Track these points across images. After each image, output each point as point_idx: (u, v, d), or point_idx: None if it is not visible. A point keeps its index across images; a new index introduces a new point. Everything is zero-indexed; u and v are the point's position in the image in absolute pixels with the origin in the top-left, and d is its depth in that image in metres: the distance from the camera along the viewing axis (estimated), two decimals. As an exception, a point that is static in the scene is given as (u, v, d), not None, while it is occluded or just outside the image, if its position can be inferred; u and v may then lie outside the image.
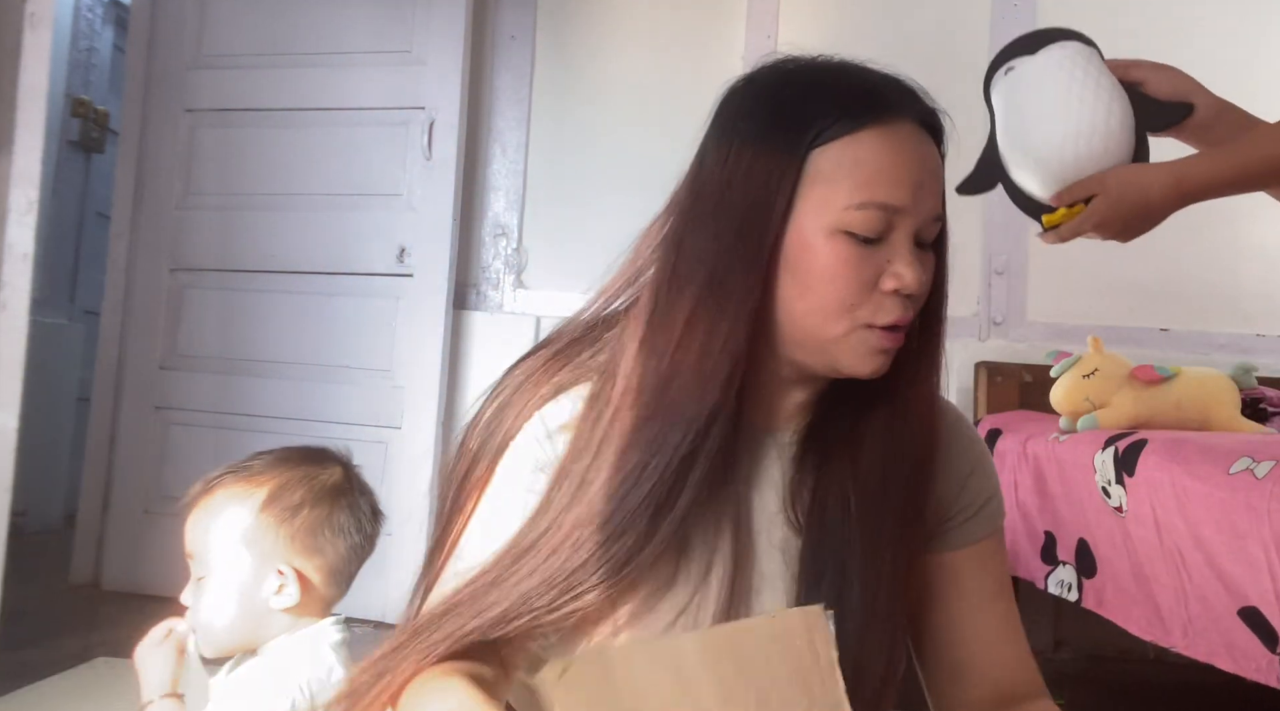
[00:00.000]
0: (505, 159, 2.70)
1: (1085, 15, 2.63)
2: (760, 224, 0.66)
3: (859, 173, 0.66)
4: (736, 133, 0.69)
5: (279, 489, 0.97)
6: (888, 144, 0.67)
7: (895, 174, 0.66)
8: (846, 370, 0.69)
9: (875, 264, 0.67)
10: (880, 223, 0.66)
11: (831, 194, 0.66)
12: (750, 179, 0.67)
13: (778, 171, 0.66)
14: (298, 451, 1.04)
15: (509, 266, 2.68)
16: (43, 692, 1.83)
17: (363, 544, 1.01)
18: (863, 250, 0.66)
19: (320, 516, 0.97)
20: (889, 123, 0.67)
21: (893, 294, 0.67)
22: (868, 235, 0.66)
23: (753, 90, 0.72)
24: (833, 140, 0.66)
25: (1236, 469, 1.17)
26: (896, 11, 2.64)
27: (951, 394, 2.52)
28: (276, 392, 2.60)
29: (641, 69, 2.67)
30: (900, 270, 0.66)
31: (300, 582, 0.96)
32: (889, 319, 0.67)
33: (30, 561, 2.73)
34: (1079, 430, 1.71)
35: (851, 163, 0.66)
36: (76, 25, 3.43)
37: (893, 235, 0.67)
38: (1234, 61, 2.59)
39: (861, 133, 0.66)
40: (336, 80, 2.64)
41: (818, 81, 0.70)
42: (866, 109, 0.67)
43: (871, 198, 0.66)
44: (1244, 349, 2.49)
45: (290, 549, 0.96)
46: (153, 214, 2.73)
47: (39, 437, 3.02)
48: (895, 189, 0.66)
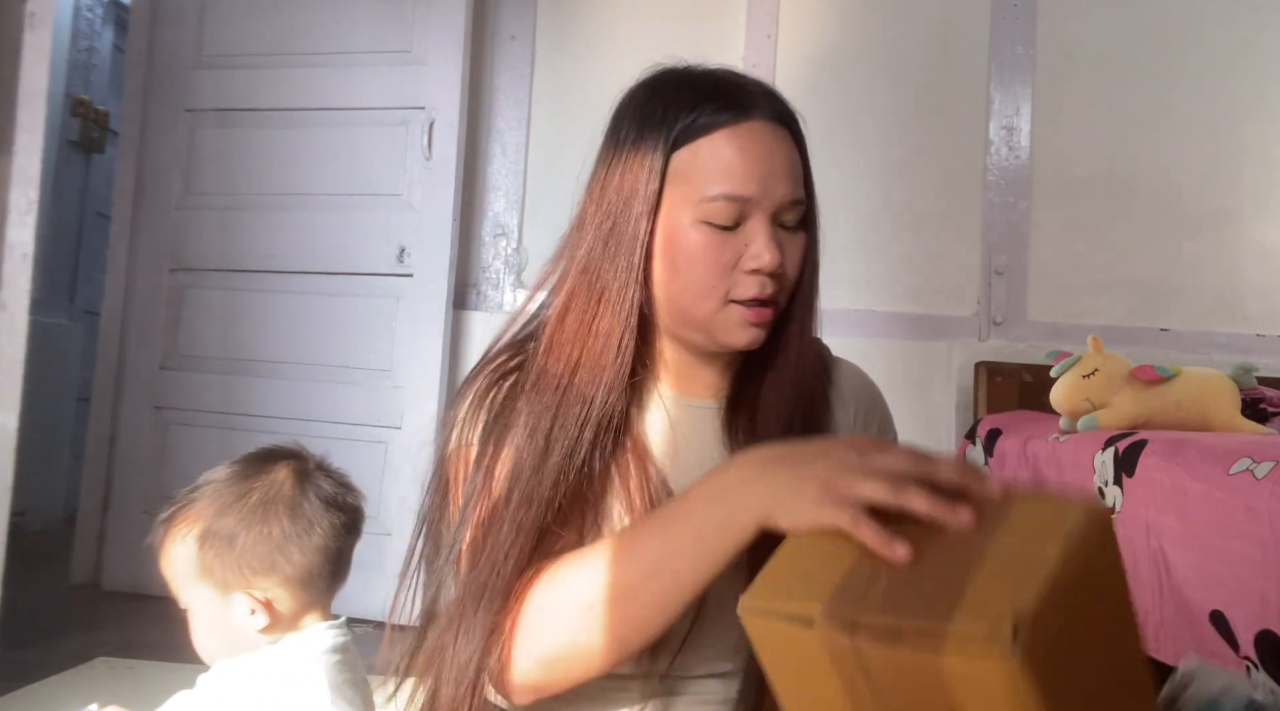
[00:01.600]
0: (505, 159, 2.70)
1: (1085, 15, 2.64)
2: (631, 221, 0.76)
3: (712, 169, 0.75)
4: (614, 139, 0.80)
5: (212, 519, 0.95)
6: (736, 142, 0.75)
7: (744, 168, 0.75)
8: (726, 343, 0.78)
9: (734, 247, 0.76)
10: (734, 211, 0.75)
11: (689, 190, 0.75)
12: (623, 180, 0.77)
13: (645, 172, 0.76)
14: (241, 464, 1.00)
15: (509, 266, 2.68)
16: (43, 692, 1.83)
17: (329, 535, 0.97)
18: (721, 236, 0.75)
19: (260, 535, 0.94)
20: (738, 122, 0.76)
21: (753, 273, 0.76)
22: (724, 223, 0.75)
23: (631, 99, 0.82)
24: (689, 141, 0.76)
25: (1236, 469, 1.17)
26: (896, 11, 2.64)
27: (952, 394, 2.52)
28: (277, 393, 2.60)
29: (641, 69, 2.66)
30: (757, 251, 0.75)
31: (265, 604, 0.95)
32: (749, 294, 0.76)
33: (30, 561, 2.73)
34: (1079, 430, 1.71)
35: (705, 160, 0.75)
36: (76, 25, 3.44)
37: (749, 222, 0.76)
38: (1233, 61, 2.59)
39: (714, 133, 0.75)
40: (336, 80, 2.64)
41: (679, 89, 0.79)
42: (718, 111, 0.76)
43: (722, 191, 0.74)
44: (1244, 349, 2.50)
45: (241, 577, 0.94)
46: (153, 214, 2.73)
47: (39, 437, 3.02)
48: (744, 182, 0.75)
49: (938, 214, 2.58)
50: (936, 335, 2.55)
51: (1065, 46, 2.62)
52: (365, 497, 1.06)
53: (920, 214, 2.56)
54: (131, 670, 1.95)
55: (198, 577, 0.95)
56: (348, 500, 1.02)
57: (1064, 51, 2.61)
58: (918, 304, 2.56)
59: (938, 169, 2.59)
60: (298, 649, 0.97)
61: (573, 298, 0.78)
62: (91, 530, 2.69)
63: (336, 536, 0.98)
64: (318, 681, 0.94)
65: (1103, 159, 2.59)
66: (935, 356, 2.55)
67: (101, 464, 2.70)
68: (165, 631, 2.26)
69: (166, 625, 2.20)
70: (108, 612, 2.39)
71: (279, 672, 0.94)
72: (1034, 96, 2.59)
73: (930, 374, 2.55)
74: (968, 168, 2.59)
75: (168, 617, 1.04)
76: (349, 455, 2.52)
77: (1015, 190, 2.58)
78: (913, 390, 2.53)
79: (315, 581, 0.97)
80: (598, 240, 0.78)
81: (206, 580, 0.95)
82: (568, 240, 0.82)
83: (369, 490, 2.98)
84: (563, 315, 0.78)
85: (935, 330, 2.55)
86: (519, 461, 0.75)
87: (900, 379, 2.53)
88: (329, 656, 0.97)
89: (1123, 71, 2.60)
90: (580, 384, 0.76)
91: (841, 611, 0.51)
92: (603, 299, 0.76)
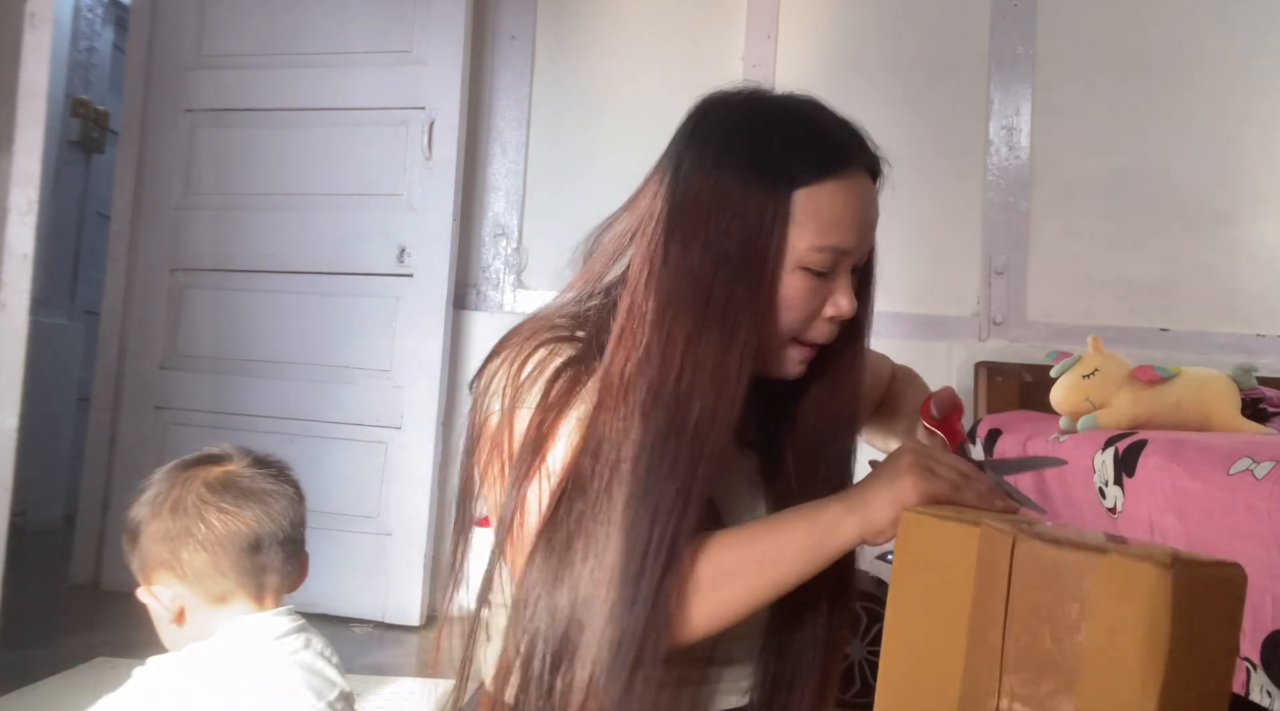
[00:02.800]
0: (505, 159, 2.70)
1: (1085, 15, 2.64)
2: (760, 257, 0.76)
3: (821, 218, 0.76)
4: (721, 161, 0.77)
5: (128, 528, 0.99)
6: (844, 194, 0.77)
7: (849, 220, 0.77)
8: (774, 374, 0.82)
9: (822, 295, 0.79)
10: (831, 261, 0.78)
11: (798, 235, 0.76)
12: (744, 213, 0.75)
13: (769, 209, 0.75)
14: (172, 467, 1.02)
15: (509, 266, 2.68)
16: (43, 692, 1.83)
17: (226, 513, 0.96)
18: (815, 282, 0.78)
19: (156, 533, 0.96)
20: (847, 174, 0.77)
21: (830, 320, 0.80)
22: (821, 270, 0.78)
23: (732, 121, 0.80)
24: (803, 186, 0.76)
25: (1236, 469, 1.17)
26: (896, 12, 2.64)
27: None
28: (277, 393, 2.60)
29: (641, 69, 2.66)
30: (840, 301, 0.79)
31: (174, 599, 0.96)
32: (820, 339, 0.81)
33: (30, 561, 2.73)
34: (1079, 430, 1.71)
35: (815, 208, 0.76)
36: (76, 25, 3.44)
37: (838, 270, 0.79)
38: (1234, 61, 2.59)
39: (826, 182, 0.76)
40: (336, 80, 2.64)
41: (793, 125, 0.79)
42: (833, 161, 0.77)
43: (828, 242, 0.77)
44: (1244, 349, 2.50)
45: (145, 578, 0.99)
46: (153, 214, 2.73)
47: (39, 437, 3.02)
48: (847, 234, 0.77)
49: (938, 214, 2.58)
50: (936, 335, 2.55)
51: (1065, 46, 2.62)
52: (291, 480, 1.04)
53: (920, 214, 2.57)
54: (131, 670, 1.95)
55: (140, 590, 1.00)
56: (260, 485, 0.99)
57: (1064, 51, 2.61)
58: (918, 304, 2.56)
59: (938, 169, 2.59)
60: (227, 640, 0.96)
61: (700, 331, 0.75)
62: (91, 530, 2.69)
63: (240, 511, 0.97)
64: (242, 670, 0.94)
65: (1103, 159, 2.59)
66: (935, 356, 2.55)
67: (101, 464, 2.70)
68: (165, 631, 2.27)
69: (166, 625, 2.20)
70: (108, 612, 2.39)
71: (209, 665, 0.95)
72: (1034, 96, 2.59)
73: (930, 374, 2.52)
74: (968, 168, 2.59)
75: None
76: (349, 455, 2.54)
77: (1015, 190, 2.58)
78: (913, 390, 2.53)
79: (227, 565, 0.96)
80: (721, 273, 0.75)
81: (145, 589, 0.99)
82: (663, 256, 0.77)
83: (369, 490, 2.98)
84: (691, 347, 0.75)
85: (935, 330, 2.56)
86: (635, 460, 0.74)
87: (900, 379, 2.53)
88: (283, 642, 0.97)
89: (1123, 71, 2.60)
90: (710, 431, 0.74)
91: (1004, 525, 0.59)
92: (734, 339, 0.75)
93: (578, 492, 0.73)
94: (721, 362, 0.74)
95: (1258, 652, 1.10)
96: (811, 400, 0.86)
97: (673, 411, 0.74)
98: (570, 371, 0.77)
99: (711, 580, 0.72)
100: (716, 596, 0.73)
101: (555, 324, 0.82)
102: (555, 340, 0.79)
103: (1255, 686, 1.10)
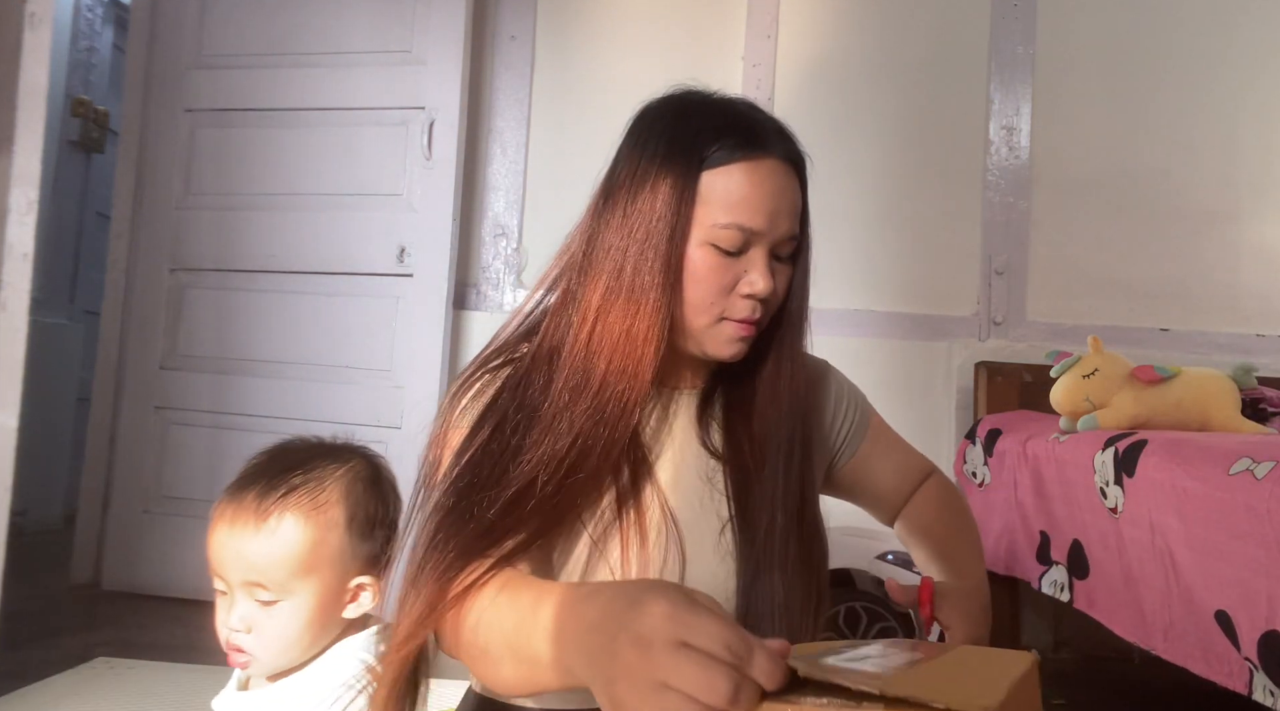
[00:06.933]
0: (505, 159, 2.70)
1: (1085, 15, 2.64)
2: (667, 231, 0.82)
3: (727, 198, 0.81)
4: (640, 149, 0.85)
5: (354, 506, 0.94)
6: (751, 176, 0.82)
7: (756, 202, 0.82)
8: (713, 354, 0.86)
9: (734, 272, 0.83)
10: (740, 240, 0.82)
11: (706, 213, 0.82)
12: (656, 193, 0.82)
13: (678, 191, 0.82)
14: (319, 450, 0.99)
15: (509, 266, 2.68)
16: (43, 692, 1.83)
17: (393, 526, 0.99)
18: (725, 260, 0.82)
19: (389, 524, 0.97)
20: (757, 158, 0.82)
21: (747, 297, 0.84)
22: (729, 249, 0.82)
23: (658, 115, 0.87)
24: (711, 168, 0.82)
25: (1236, 469, 1.17)
26: (896, 11, 2.64)
27: (951, 394, 2.52)
28: (276, 393, 2.60)
29: (642, 69, 2.66)
30: (754, 278, 0.83)
31: (374, 587, 0.95)
32: (741, 315, 0.84)
33: (30, 561, 2.73)
34: (1079, 430, 1.71)
35: (722, 189, 0.81)
36: (76, 25, 3.44)
37: (750, 250, 0.83)
38: (1234, 61, 2.59)
39: (733, 165, 0.82)
40: (336, 80, 2.64)
41: (706, 115, 0.85)
42: (739, 145, 0.82)
43: (733, 220, 0.81)
44: (1244, 349, 2.50)
45: (367, 561, 0.95)
46: (153, 214, 2.73)
47: (39, 437, 3.02)
48: (754, 214, 0.81)
49: (938, 214, 2.58)
50: (936, 335, 2.55)
51: (1065, 46, 2.62)
52: None
53: (920, 214, 2.56)
54: (131, 670, 1.95)
55: (325, 564, 0.91)
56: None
57: (1064, 51, 2.62)
58: (918, 304, 2.56)
59: (938, 169, 2.59)
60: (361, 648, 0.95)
61: (611, 299, 0.82)
62: (91, 530, 2.69)
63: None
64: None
65: (1103, 159, 2.59)
66: (935, 356, 2.55)
67: (101, 464, 2.70)
68: (165, 631, 2.27)
69: (166, 625, 2.21)
70: (108, 612, 2.38)
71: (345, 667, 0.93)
72: (1034, 96, 2.59)
73: (930, 374, 2.55)
74: (968, 168, 2.59)
75: (168, 617, 1.04)
76: (349, 455, 2.54)
77: (1015, 190, 2.58)
78: (913, 390, 2.53)
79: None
80: (633, 246, 0.82)
81: (333, 567, 0.92)
82: (589, 238, 0.86)
83: (369, 490, 2.95)
84: (602, 314, 0.82)
85: (935, 330, 2.56)
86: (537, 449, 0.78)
87: (900, 379, 2.53)
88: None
89: (1123, 71, 2.60)
90: (617, 386, 0.81)
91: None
92: (641, 307, 0.81)
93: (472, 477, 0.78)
94: (630, 328, 0.81)
95: (1257, 653, 1.10)
96: (758, 393, 0.91)
97: (581, 372, 0.81)
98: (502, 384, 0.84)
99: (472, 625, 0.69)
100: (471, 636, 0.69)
101: (506, 341, 0.89)
102: (502, 364, 0.87)
103: (1258, 686, 1.10)
